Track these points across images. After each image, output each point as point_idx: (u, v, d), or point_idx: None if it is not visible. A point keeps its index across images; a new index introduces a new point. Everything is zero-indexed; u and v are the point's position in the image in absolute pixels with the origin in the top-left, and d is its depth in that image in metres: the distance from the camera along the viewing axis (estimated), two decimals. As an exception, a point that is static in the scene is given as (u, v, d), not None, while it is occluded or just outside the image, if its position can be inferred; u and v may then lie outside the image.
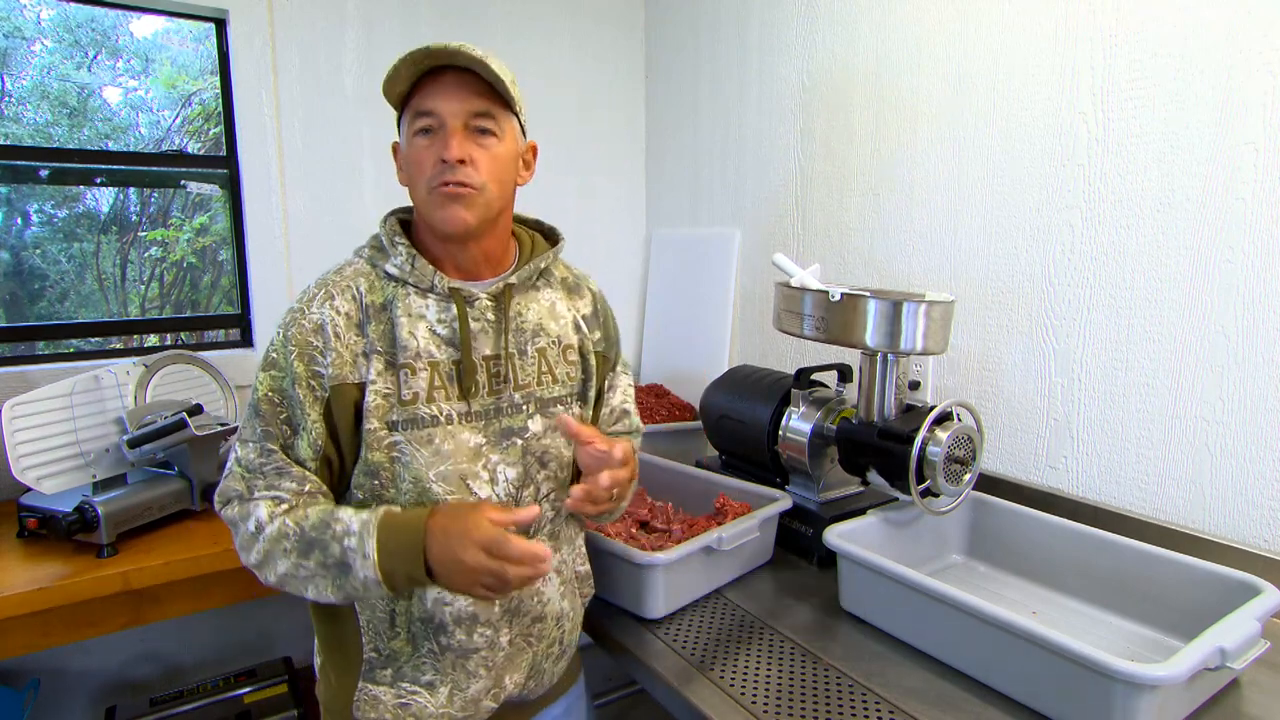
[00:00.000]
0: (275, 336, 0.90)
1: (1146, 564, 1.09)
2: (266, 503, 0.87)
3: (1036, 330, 1.41)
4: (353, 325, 0.89)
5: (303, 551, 0.84)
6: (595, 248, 2.45)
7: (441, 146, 0.88)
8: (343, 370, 0.88)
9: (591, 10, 2.37)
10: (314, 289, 0.91)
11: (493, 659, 0.95)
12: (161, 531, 1.46)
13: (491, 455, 0.93)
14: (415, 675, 0.93)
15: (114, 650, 1.82)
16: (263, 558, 0.87)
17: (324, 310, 0.89)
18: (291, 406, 0.88)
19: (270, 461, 0.88)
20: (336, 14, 1.97)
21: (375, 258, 0.94)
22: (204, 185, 1.96)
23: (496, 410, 0.94)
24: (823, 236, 1.86)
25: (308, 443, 0.88)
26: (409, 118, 0.91)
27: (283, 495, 0.88)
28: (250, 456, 0.89)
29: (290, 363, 0.87)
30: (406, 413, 0.89)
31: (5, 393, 1.48)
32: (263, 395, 0.89)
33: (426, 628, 0.92)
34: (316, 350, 0.87)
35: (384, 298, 0.91)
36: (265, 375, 0.89)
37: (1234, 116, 1.13)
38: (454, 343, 0.92)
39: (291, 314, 0.90)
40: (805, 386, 1.41)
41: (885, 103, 1.66)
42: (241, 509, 0.89)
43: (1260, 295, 1.12)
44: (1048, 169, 1.37)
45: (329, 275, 0.93)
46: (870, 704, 0.92)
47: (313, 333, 0.88)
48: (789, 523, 1.36)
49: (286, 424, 0.89)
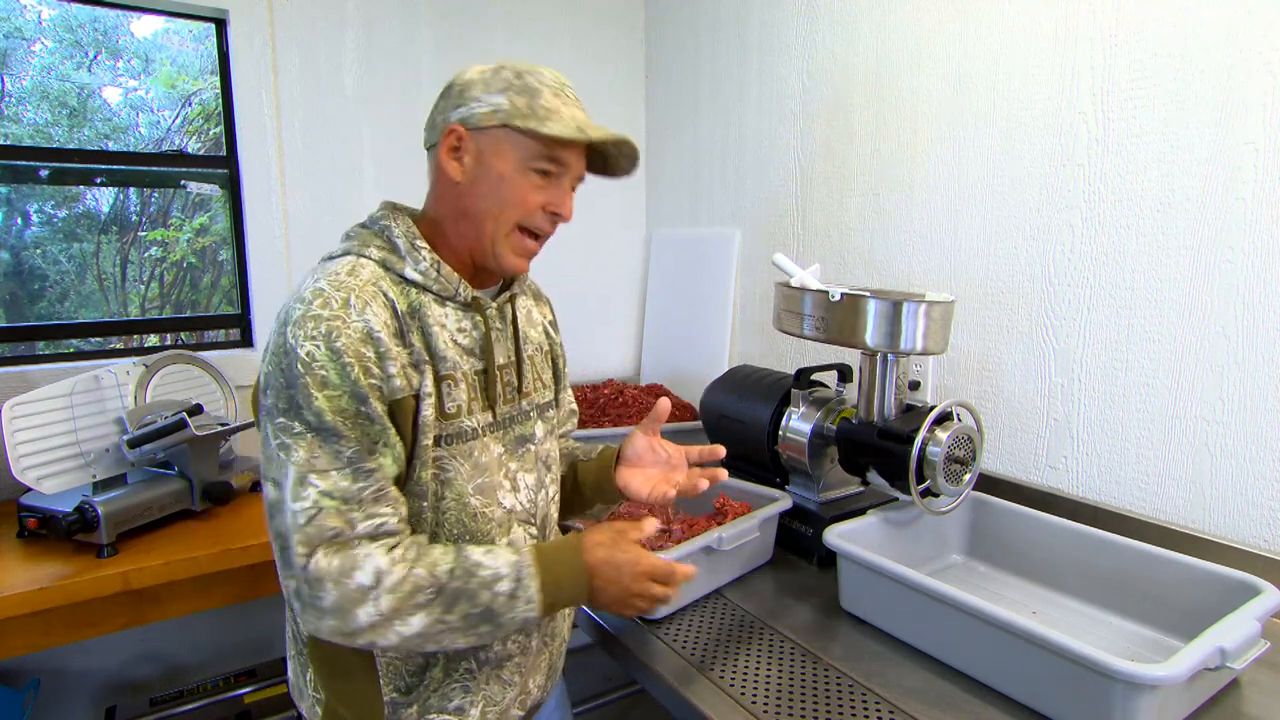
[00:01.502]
0: (312, 350, 0.77)
1: (1146, 564, 1.09)
2: (379, 548, 0.78)
3: (1036, 330, 1.41)
4: (394, 334, 0.82)
5: (447, 605, 0.78)
6: (595, 248, 2.45)
7: (558, 200, 0.89)
8: (401, 383, 0.81)
9: (591, 10, 2.38)
10: (333, 292, 0.80)
11: (525, 664, 0.95)
12: (161, 531, 1.46)
13: (511, 464, 0.94)
14: (442, 704, 0.90)
15: (114, 650, 1.82)
16: (388, 614, 0.76)
17: (367, 318, 0.80)
18: (369, 422, 0.79)
19: (370, 484, 0.79)
20: (336, 14, 1.97)
21: (389, 260, 0.86)
22: (204, 185, 1.96)
23: (512, 419, 0.95)
24: (823, 236, 1.86)
25: (392, 458, 0.81)
26: (535, 148, 0.85)
27: (389, 525, 0.80)
28: (343, 484, 0.77)
29: (350, 376, 0.78)
30: (451, 426, 0.87)
31: (5, 393, 1.48)
32: (331, 418, 0.77)
33: (468, 648, 0.89)
34: (371, 361, 0.79)
35: (407, 305, 0.85)
36: (321, 396, 0.77)
37: (1234, 116, 1.13)
38: (473, 352, 0.90)
39: (328, 324, 0.78)
40: (805, 386, 1.41)
41: (885, 103, 1.66)
42: (346, 559, 0.76)
43: (1260, 295, 1.12)
44: (1048, 169, 1.37)
45: (341, 277, 0.82)
46: (870, 704, 0.92)
47: (362, 342, 0.79)
48: (789, 523, 1.36)
49: (370, 443, 0.79)
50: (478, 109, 0.86)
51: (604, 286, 2.52)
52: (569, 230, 1.13)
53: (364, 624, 0.76)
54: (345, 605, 0.76)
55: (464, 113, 0.86)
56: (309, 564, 0.76)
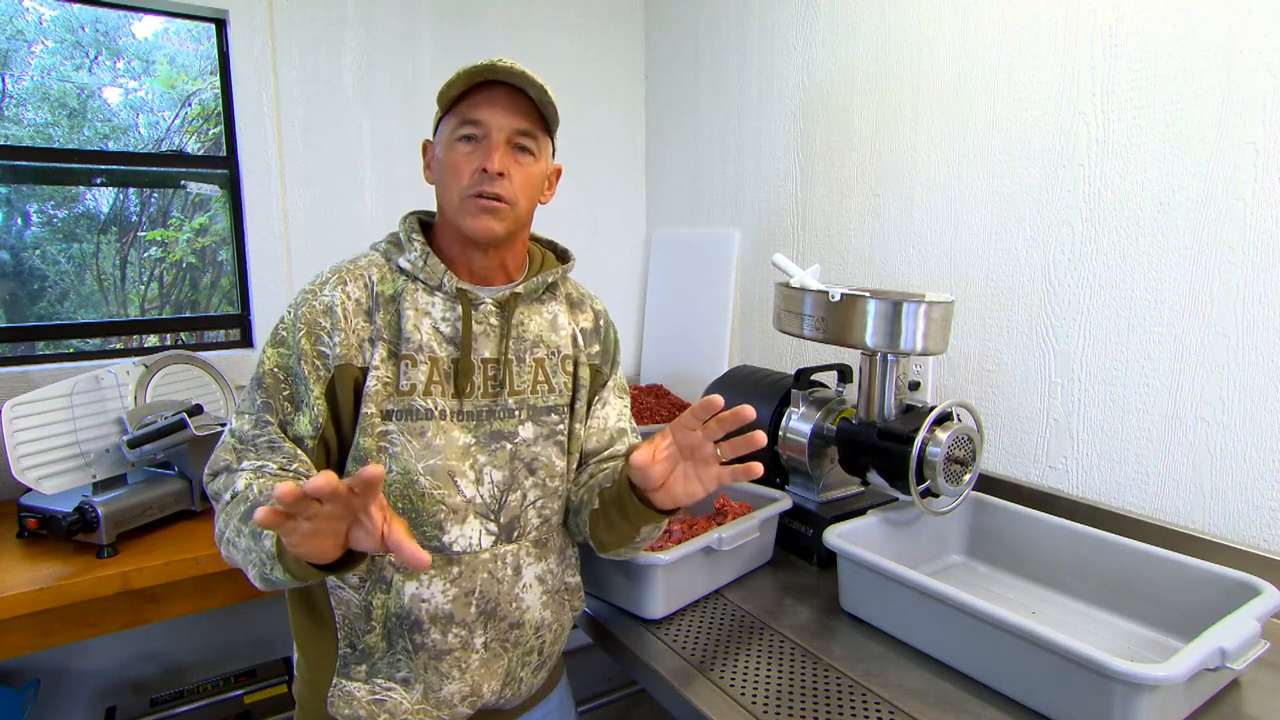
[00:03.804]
0: (285, 315, 0.91)
1: (1146, 564, 1.09)
2: (248, 474, 0.86)
3: (1036, 330, 1.41)
4: (361, 311, 0.91)
5: (244, 515, 0.81)
6: (595, 247, 2.45)
7: (484, 157, 0.91)
8: (348, 352, 0.89)
9: (591, 10, 2.37)
10: (328, 274, 0.93)
11: (466, 661, 0.94)
12: (161, 531, 1.46)
13: (480, 456, 0.94)
14: (390, 672, 0.92)
15: (114, 650, 1.82)
16: (223, 526, 0.85)
17: (335, 293, 0.91)
18: (295, 383, 0.89)
19: (264, 434, 0.89)
20: (336, 14, 1.97)
21: (390, 252, 0.96)
22: (204, 185, 1.96)
23: (489, 413, 0.95)
24: (823, 236, 1.86)
25: (309, 419, 0.89)
26: (453, 122, 0.93)
27: (268, 467, 0.87)
28: (245, 428, 0.89)
29: (298, 340, 0.89)
30: (402, 403, 0.91)
31: (5, 393, 1.49)
32: (267, 370, 0.90)
33: (402, 624, 0.91)
34: (324, 330, 0.89)
35: (394, 289, 0.93)
36: (272, 351, 0.90)
37: (1234, 116, 1.13)
38: (455, 341, 0.94)
39: (303, 295, 0.92)
40: (805, 386, 1.41)
41: (885, 103, 1.66)
42: (226, 480, 0.88)
43: (1260, 295, 1.12)
44: (1048, 169, 1.37)
45: (343, 263, 0.95)
46: (870, 704, 0.92)
47: (322, 313, 0.90)
48: (789, 523, 1.36)
49: (289, 400, 0.89)
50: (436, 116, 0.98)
51: (604, 286, 2.51)
52: (569, 230, 1.14)
53: (217, 533, 0.86)
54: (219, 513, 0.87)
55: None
56: (208, 486, 0.91)
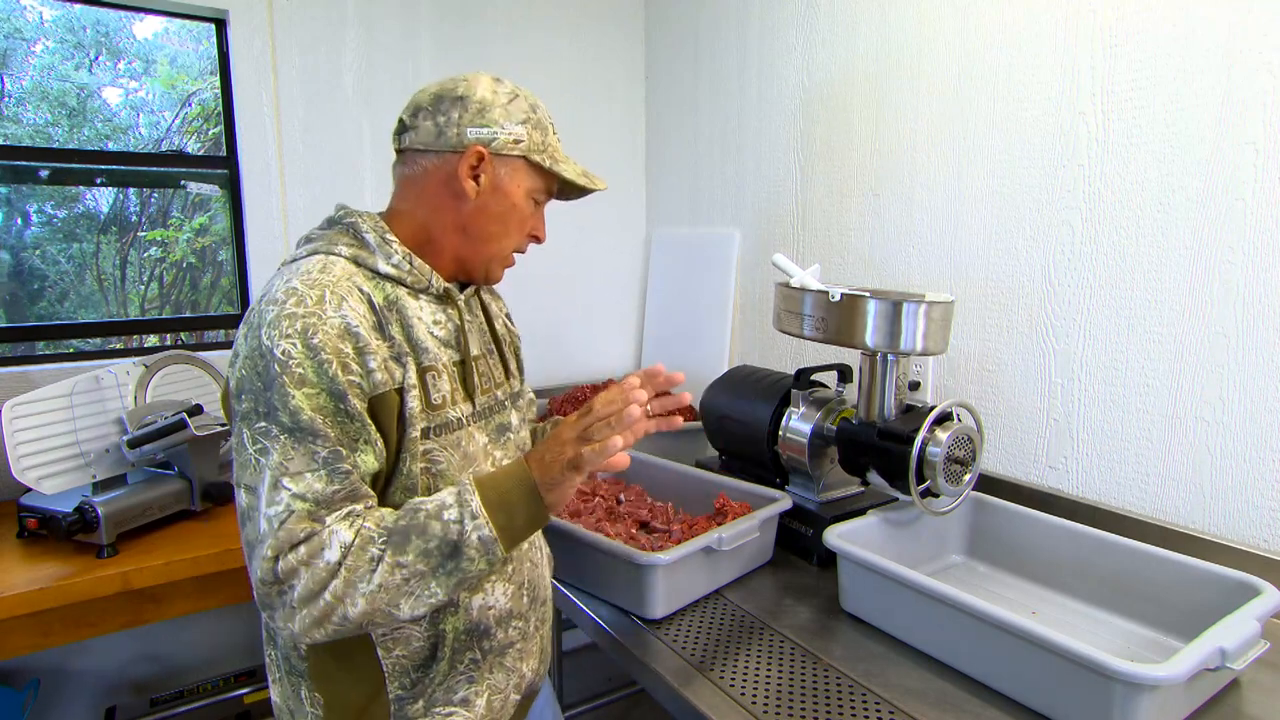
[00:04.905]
0: (287, 347, 0.76)
1: (1146, 564, 1.09)
2: (342, 523, 0.76)
3: (1036, 330, 1.41)
4: (373, 328, 0.81)
5: (398, 547, 0.75)
6: (595, 247, 2.45)
7: (539, 225, 0.98)
8: (382, 377, 0.80)
9: (591, 10, 2.37)
10: (308, 290, 0.79)
11: (525, 649, 0.97)
12: (161, 532, 1.46)
13: (496, 453, 0.95)
14: (448, 697, 0.89)
15: (114, 650, 1.82)
16: (349, 579, 0.74)
17: (344, 313, 0.79)
18: (348, 419, 0.78)
19: (344, 486, 0.77)
20: (336, 14, 1.97)
21: (359, 256, 0.86)
22: (204, 185, 1.96)
23: (491, 409, 0.96)
24: (823, 236, 1.86)
25: (373, 454, 0.80)
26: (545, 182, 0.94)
27: (356, 510, 0.78)
28: (317, 486, 0.75)
29: (328, 373, 0.76)
30: (438, 417, 0.86)
31: (5, 393, 1.49)
32: (308, 416, 0.75)
33: (471, 638, 0.90)
34: (350, 357, 0.78)
35: (384, 298, 0.85)
36: (298, 394, 0.75)
37: (1234, 116, 1.13)
38: (449, 343, 0.91)
39: (301, 320, 0.77)
40: (805, 387, 1.41)
41: (885, 103, 1.66)
42: (314, 545, 0.74)
43: (1260, 295, 1.12)
44: (1048, 169, 1.37)
45: (316, 276, 0.81)
46: (870, 704, 0.92)
47: (340, 338, 0.78)
48: (789, 523, 1.36)
49: (347, 441, 0.78)
50: (501, 135, 0.89)
51: (604, 286, 2.52)
52: (569, 230, 1.14)
53: (330, 599, 0.73)
54: (315, 588, 0.73)
55: (486, 135, 0.88)
56: (278, 565, 0.73)
